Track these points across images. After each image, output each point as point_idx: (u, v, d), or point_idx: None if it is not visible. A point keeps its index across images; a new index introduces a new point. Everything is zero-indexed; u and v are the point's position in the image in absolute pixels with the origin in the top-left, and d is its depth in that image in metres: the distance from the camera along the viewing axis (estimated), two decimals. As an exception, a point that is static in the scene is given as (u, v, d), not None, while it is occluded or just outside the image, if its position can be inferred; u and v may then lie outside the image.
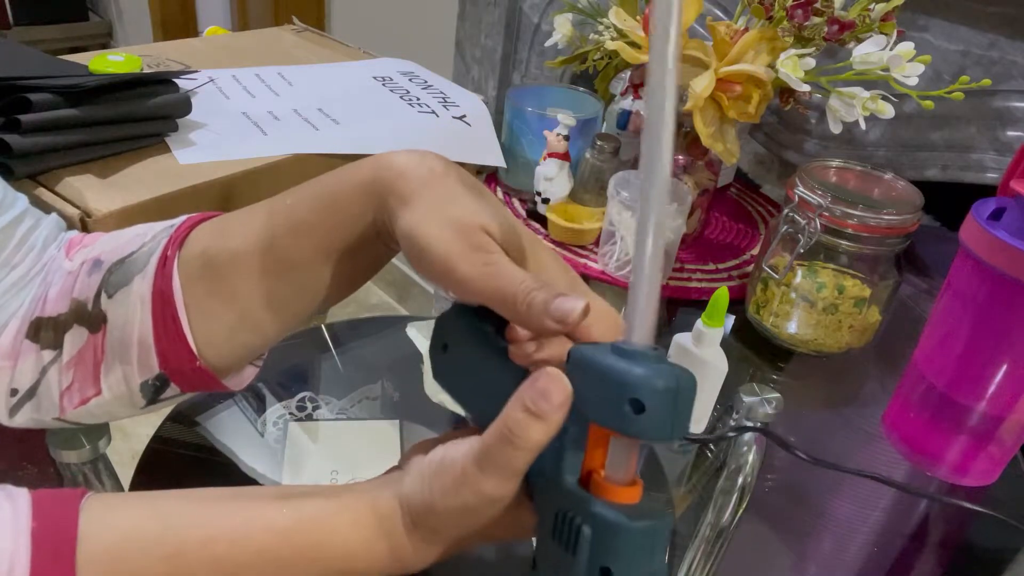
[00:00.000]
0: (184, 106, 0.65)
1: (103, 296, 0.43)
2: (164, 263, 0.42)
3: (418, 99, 0.81)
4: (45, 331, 0.44)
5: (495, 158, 0.81)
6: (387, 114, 0.77)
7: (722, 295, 0.57)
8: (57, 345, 0.44)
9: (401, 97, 0.81)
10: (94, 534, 0.33)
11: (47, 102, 0.56)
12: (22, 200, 0.47)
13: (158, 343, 0.41)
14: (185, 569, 0.34)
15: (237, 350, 0.43)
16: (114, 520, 0.34)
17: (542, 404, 0.31)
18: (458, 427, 0.45)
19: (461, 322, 0.40)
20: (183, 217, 0.45)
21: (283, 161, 0.64)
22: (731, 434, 0.61)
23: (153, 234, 0.44)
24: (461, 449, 0.35)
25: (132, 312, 0.42)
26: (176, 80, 0.65)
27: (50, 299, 0.44)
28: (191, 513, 0.36)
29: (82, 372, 0.43)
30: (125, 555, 0.33)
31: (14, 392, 0.45)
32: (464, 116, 0.80)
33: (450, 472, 0.35)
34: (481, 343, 0.38)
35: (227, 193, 0.60)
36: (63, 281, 0.44)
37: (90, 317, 0.43)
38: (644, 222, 0.29)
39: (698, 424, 0.63)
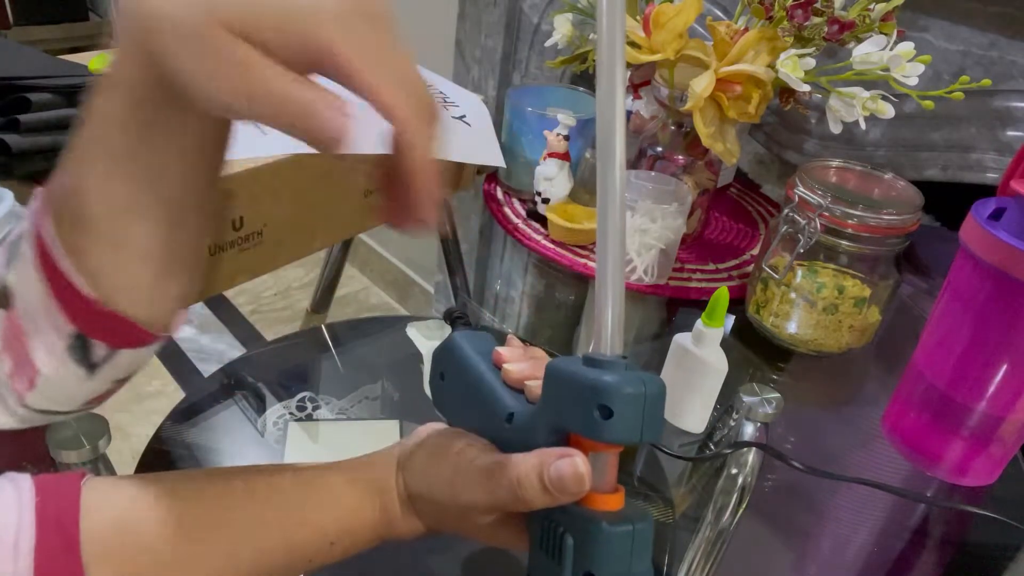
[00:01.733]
0: (184, 106, 0.64)
1: (10, 273, 0.41)
2: (37, 215, 0.38)
3: (418, 99, 0.81)
4: None
5: (495, 158, 0.81)
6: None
7: (722, 295, 0.57)
8: None
9: (401, 97, 0.80)
10: (98, 509, 0.34)
11: (46, 102, 0.56)
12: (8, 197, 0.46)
13: (58, 297, 0.38)
14: (189, 535, 0.35)
15: (150, 294, 0.39)
16: (117, 494, 0.35)
17: (557, 486, 0.32)
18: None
19: (456, 351, 0.42)
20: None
21: (282, 161, 0.64)
22: (727, 451, 0.61)
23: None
24: (469, 456, 0.36)
25: (27, 277, 0.39)
26: (176, 80, 0.65)
27: None
28: (192, 486, 0.37)
29: (15, 353, 0.41)
30: (130, 526, 0.34)
31: None
32: (464, 116, 0.79)
33: (455, 474, 0.36)
34: (475, 370, 0.40)
35: (226, 193, 0.60)
36: None
37: (3, 295, 0.41)
38: (603, 239, 0.31)
39: (698, 425, 0.63)
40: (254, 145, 0.65)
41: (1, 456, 0.54)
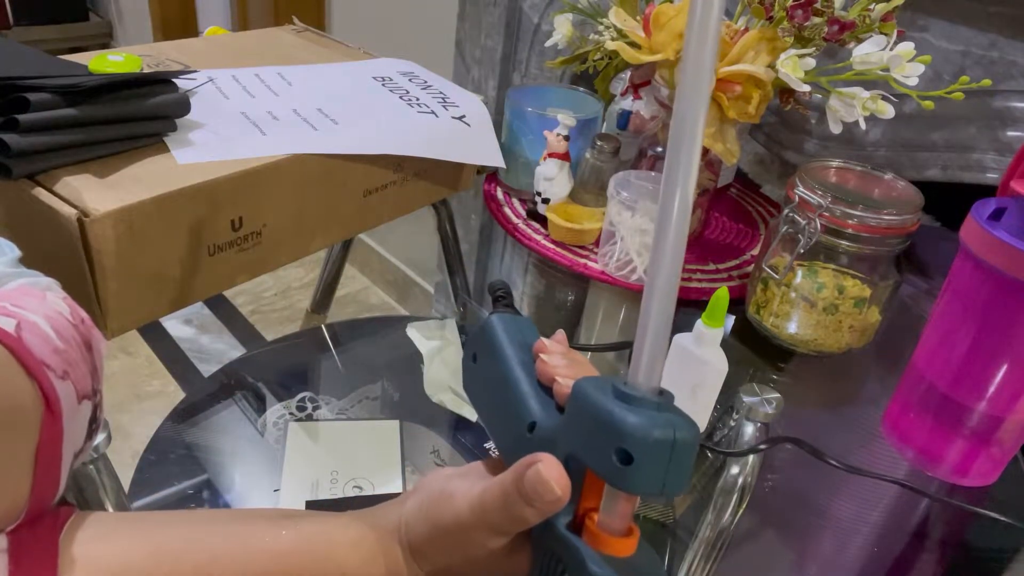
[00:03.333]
0: (183, 106, 0.64)
1: None
2: None
3: (417, 99, 0.81)
4: None
5: (495, 158, 0.81)
6: (386, 114, 0.77)
7: (722, 295, 0.57)
8: None
9: (401, 97, 0.80)
10: (85, 572, 0.31)
11: (46, 102, 0.55)
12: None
13: None
14: None
15: None
16: (103, 553, 0.33)
17: (537, 493, 0.31)
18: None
19: (491, 336, 0.39)
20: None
21: (282, 161, 0.64)
22: (763, 447, 0.61)
23: None
24: (464, 490, 0.35)
25: None
26: (175, 80, 0.64)
27: None
28: (184, 537, 0.35)
29: None
30: None
31: None
32: (464, 116, 0.79)
33: (449, 510, 0.35)
34: (507, 362, 0.38)
35: (225, 193, 0.60)
36: None
37: None
38: (658, 256, 0.27)
39: (698, 425, 0.63)
40: (254, 145, 0.65)
41: None
